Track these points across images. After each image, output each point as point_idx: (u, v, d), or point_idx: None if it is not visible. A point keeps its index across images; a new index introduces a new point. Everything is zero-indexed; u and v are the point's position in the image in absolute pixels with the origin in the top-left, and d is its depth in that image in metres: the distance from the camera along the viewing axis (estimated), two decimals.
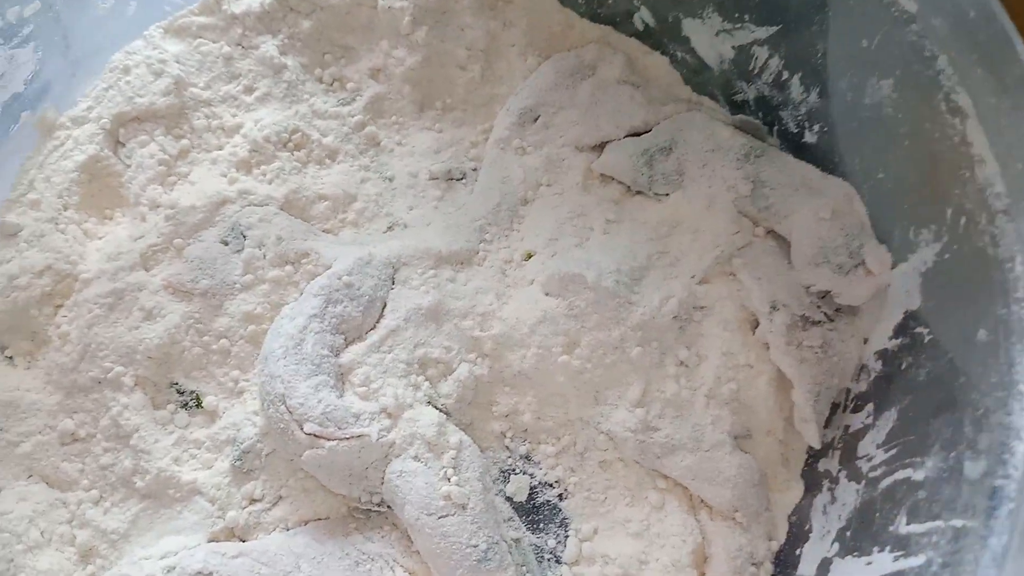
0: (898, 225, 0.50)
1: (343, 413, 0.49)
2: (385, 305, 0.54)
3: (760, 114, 0.58)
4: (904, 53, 0.48)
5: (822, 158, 0.55)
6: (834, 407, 0.53)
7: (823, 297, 0.52)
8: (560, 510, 0.53)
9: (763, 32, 0.55)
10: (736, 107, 0.59)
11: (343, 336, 0.52)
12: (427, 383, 0.53)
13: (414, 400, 0.52)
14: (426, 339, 0.53)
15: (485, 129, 0.63)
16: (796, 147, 0.56)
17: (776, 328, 0.52)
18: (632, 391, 0.53)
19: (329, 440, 0.49)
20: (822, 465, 0.52)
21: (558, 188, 0.59)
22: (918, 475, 0.44)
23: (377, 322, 0.53)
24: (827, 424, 0.53)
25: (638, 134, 0.59)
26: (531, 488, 0.54)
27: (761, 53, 0.56)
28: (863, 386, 0.51)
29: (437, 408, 0.52)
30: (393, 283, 0.54)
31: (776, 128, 0.58)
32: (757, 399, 0.53)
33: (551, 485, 0.54)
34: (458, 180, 0.61)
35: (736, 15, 0.56)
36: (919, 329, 0.48)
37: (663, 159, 0.57)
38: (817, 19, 0.52)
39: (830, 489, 0.50)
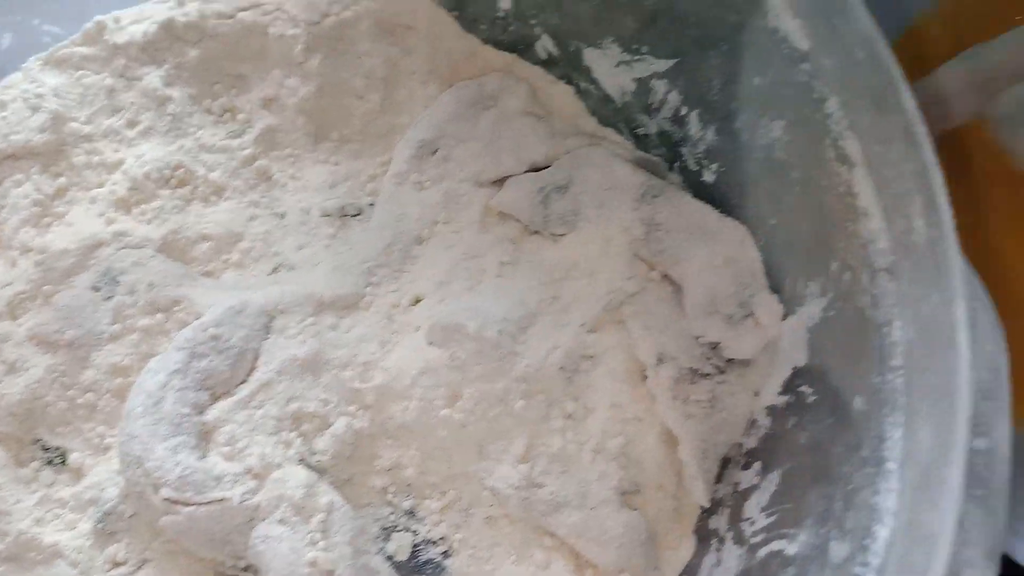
0: (789, 275, 0.49)
1: (203, 476, 0.47)
2: (258, 357, 0.51)
3: (663, 149, 0.56)
4: (795, 94, 0.46)
5: (721, 199, 0.53)
6: (726, 460, 0.51)
7: (714, 348, 0.50)
8: (444, 569, 0.52)
9: (661, 65, 0.53)
10: (640, 141, 0.57)
11: (209, 392, 0.50)
12: (300, 440, 0.51)
13: (284, 459, 0.50)
14: (301, 392, 0.51)
15: (384, 161, 0.61)
16: (696, 186, 0.55)
17: (662, 382, 0.50)
18: (516, 445, 0.51)
19: (187, 506, 0.47)
20: (713, 522, 0.50)
21: (455, 226, 0.57)
22: (791, 549, 0.42)
23: (248, 375, 0.51)
24: (719, 479, 0.51)
25: (539, 169, 0.57)
26: (414, 546, 0.52)
27: (660, 87, 0.54)
28: (753, 442, 0.50)
29: (310, 466, 0.50)
30: (269, 332, 0.52)
31: (677, 165, 0.55)
32: (646, 453, 0.52)
33: (435, 543, 0.52)
34: (353, 216, 0.58)
35: (635, 47, 0.54)
36: (804, 388, 0.46)
37: (559, 198, 0.55)
38: (712, 54, 0.50)
39: (717, 550, 0.49)
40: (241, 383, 0.51)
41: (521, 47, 0.60)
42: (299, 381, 0.51)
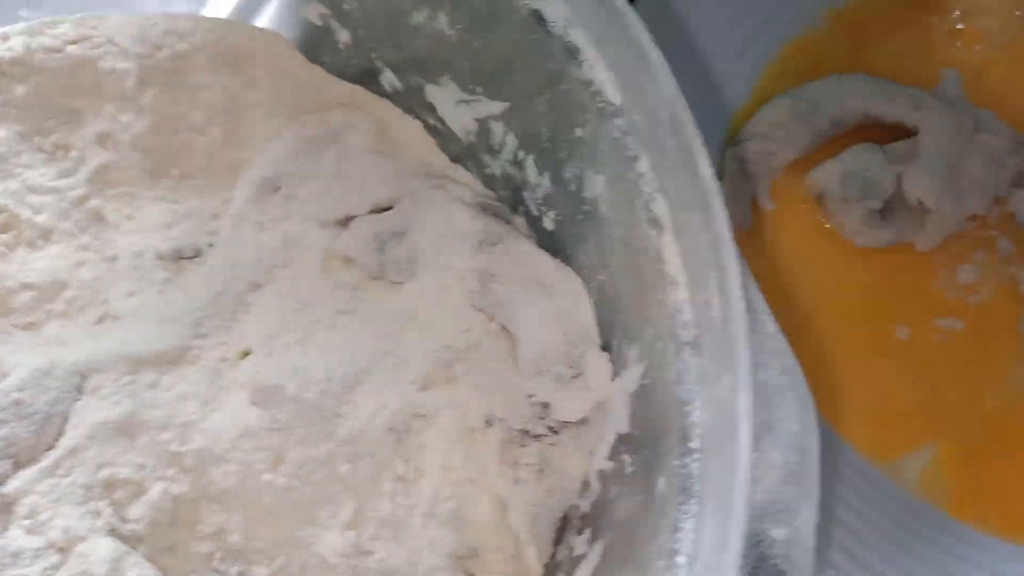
0: (615, 336, 0.47)
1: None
2: (67, 420, 0.49)
3: (508, 192, 0.54)
4: (611, 149, 0.44)
5: (560, 248, 0.51)
6: (564, 523, 0.50)
7: (546, 407, 0.49)
8: None
9: (496, 107, 0.52)
10: (488, 181, 0.55)
11: (11, 460, 0.48)
12: (111, 508, 0.49)
13: (91, 530, 0.48)
14: (114, 457, 0.49)
15: (229, 198, 0.58)
16: (540, 232, 0.53)
17: (490, 445, 0.48)
18: (344, 511, 0.50)
19: None
20: None
21: (294, 271, 0.55)
22: None
23: (56, 441, 0.49)
24: (560, 540, 0.50)
25: (384, 209, 0.55)
26: None
27: (498, 128, 0.53)
28: (586, 506, 0.48)
29: (122, 536, 0.48)
30: (80, 393, 0.50)
31: (522, 209, 0.53)
32: (481, 516, 0.50)
33: None
34: (190, 259, 0.56)
35: (470, 86, 0.53)
36: (625, 456, 0.45)
37: (396, 244, 0.54)
38: (538, 100, 0.48)
39: None
40: (48, 449, 0.49)
41: (367, 79, 0.58)
42: (112, 445, 0.50)
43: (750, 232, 0.61)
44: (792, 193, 0.62)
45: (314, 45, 0.58)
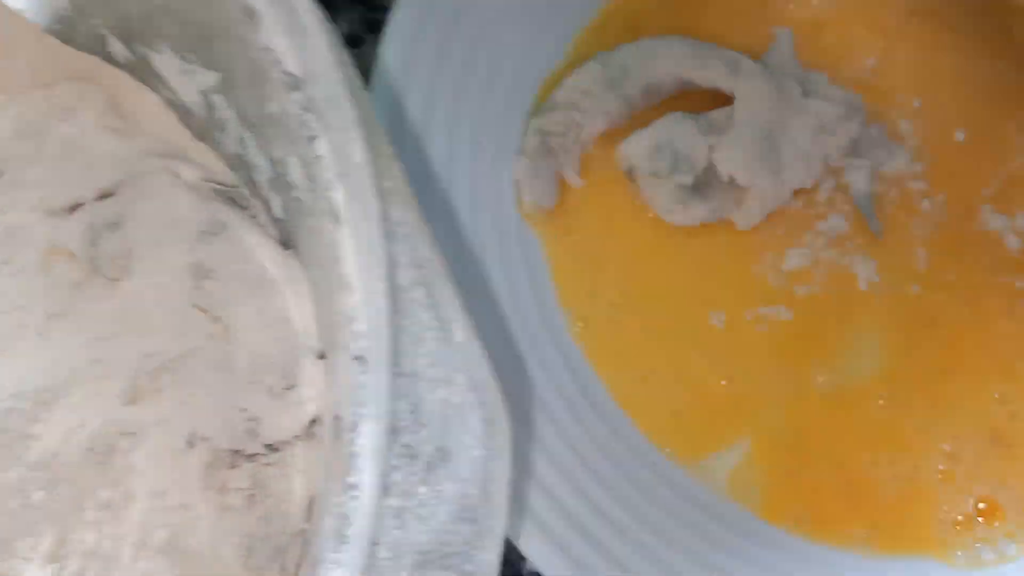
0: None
1: None
2: None
3: (244, 172, 0.48)
4: (297, 127, 0.38)
5: (288, 238, 0.45)
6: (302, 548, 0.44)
7: (258, 423, 0.43)
8: None
9: (211, 78, 0.45)
10: (229, 160, 0.49)
11: None
12: None
13: None
14: None
15: None
16: (274, 221, 0.46)
17: (192, 469, 0.42)
18: (45, 542, 0.44)
19: None
20: None
21: (14, 267, 0.49)
22: None
23: None
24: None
25: (110, 195, 0.49)
26: None
27: (219, 102, 0.46)
28: None
29: None
30: None
31: (258, 195, 0.47)
32: (202, 544, 0.45)
33: None
34: None
35: (185, 54, 0.46)
36: None
37: (110, 236, 0.48)
38: (238, 70, 0.41)
39: None
40: None
41: (98, 49, 0.51)
42: None
43: (554, 212, 0.55)
44: (602, 168, 0.56)
45: (36, 11, 0.51)
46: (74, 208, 0.51)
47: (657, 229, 0.57)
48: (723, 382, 0.54)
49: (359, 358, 0.34)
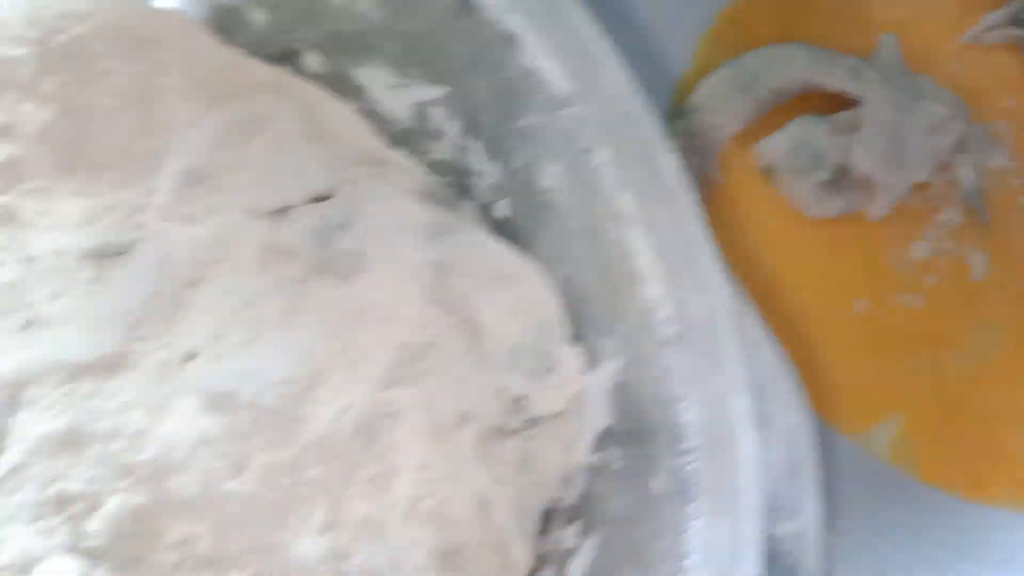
0: (587, 329, 0.49)
1: None
2: (5, 437, 0.49)
3: (451, 177, 0.56)
4: (564, 140, 0.46)
5: (515, 236, 0.54)
6: (551, 513, 0.53)
7: (519, 402, 0.51)
8: None
9: (436, 92, 0.53)
10: (433, 167, 0.57)
11: None
12: (68, 524, 0.49)
13: (48, 549, 0.48)
14: (63, 471, 0.50)
15: (151, 189, 0.58)
16: (491, 220, 0.54)
17: (465, 443, 0.50)
18: (317, 514, 0.52)
19: None
20: None
21: (231, 266, 0.56)
22: None
23: None
24: (548, 531, 0.53)
25: (323, 198, 0.56)
26: None
27: (438, 113, 0.55)
28: (573, 498, 0.51)
29: (83, 552, 0.49)
30: (16, 407, 0.50)
31: (469, 197, 0.55)
32: (463, 512, 0.53)
33: None
34: (117, 256, 0.56)
35: (405, 70, 0.54)
36: (612, 451, 0.47)
37: (341, 236, 0.55)
38: (479, 87, 0.49)
39: None
40: None
41: (287, 62, 0.59)
42: (58, 460, 0.50)
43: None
44: (740, 165, 0.64)
45: (225, 27, 0.59)
46: (282, 212, 0.57)
47: (796, 221, 0.66)
48: (871, 362, 0.64)
49: (671, 341, 0.42)
